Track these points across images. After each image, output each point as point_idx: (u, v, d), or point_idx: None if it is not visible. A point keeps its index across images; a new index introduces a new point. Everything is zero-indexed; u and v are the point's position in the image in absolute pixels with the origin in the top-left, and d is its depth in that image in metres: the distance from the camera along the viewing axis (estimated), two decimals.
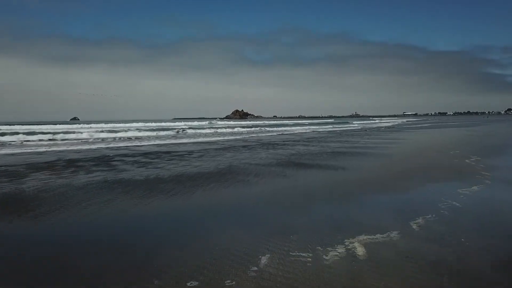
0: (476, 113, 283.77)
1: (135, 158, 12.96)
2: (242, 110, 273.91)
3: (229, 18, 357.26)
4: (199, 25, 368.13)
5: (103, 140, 25.05)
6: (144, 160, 12.42)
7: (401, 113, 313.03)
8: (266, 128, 43.10)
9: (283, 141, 21.28)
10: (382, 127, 47.70)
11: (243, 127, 47.42)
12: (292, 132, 34.59)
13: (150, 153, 15.05)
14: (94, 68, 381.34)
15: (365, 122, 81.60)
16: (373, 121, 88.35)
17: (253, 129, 41.46)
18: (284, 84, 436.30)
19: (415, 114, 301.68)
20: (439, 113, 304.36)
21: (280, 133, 33.72)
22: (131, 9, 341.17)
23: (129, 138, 26.60)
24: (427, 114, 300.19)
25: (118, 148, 18.23)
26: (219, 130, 37.88)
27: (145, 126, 47.78)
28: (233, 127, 43.60)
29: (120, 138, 27.03)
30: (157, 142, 22.43)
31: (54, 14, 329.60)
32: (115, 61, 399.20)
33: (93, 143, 22.20)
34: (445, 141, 20.80)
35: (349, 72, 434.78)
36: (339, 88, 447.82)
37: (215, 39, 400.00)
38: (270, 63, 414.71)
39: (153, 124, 58.96)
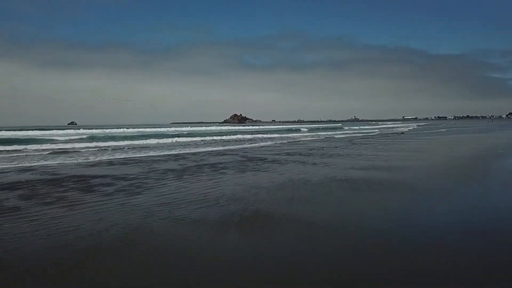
0: (476, 117, 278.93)
1: (5, 195, 7.44)
2: (241, 114, 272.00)
3: (227, 22, 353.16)
4: (197, 29, 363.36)
5: (42, 153, 19.54)
6: (7, 203, 6.87)
7: (401, 117, 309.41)
8: (261, 135, 37.55)
9: (274, 155, 15.73)
10: (397, 132, 41.95)
11: (237, 133, 42.07)
12: (290, 141, 29.07)
13: (60, 179, 9.52)
14: (92, 73, 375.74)
15: (379, 127, 75.68)
16: (381, 126, 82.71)
17: (246, 136, 35.92)
18: (283, 89, 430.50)
19: (415, 118, 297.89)
20: (438, 117, 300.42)
21: (275, 141, 28.22)
22: (129, 14, 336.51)
23: (79, 150, 21.05)
24: (426, 118, 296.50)
25: (41, 167, 12.74)
26: (206, 138, 32.39)
27: (138, 132, 43.78)
28: (220, 135, 38.06)
29: (81, 148, 21.62)
30: (113, 156, 16.91)
31: (51, 19, 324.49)
32: (113, 66, 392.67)
33: (25, 158, 16.69)
34: (494, 153, 15.19)
35: (348, 77, 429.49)
36: (338, 93, 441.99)
37: (213, 44, 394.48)
38: (269, 67, 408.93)
39: (148, 129, 54.03)
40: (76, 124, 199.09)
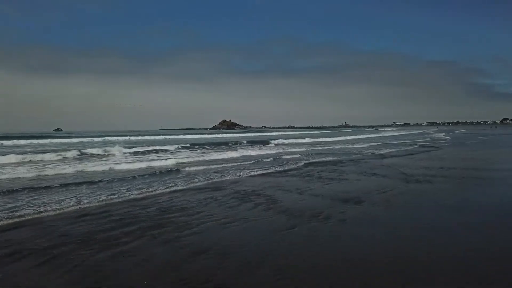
0: (470, 122, 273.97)
1: None
2: (230, 120, 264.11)
3: (218, 27, 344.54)
4: (187, 34, 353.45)
5: None
6: None
7: (392, 122, 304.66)
8: (248, 153, 27.57)
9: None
10: (422, 145, 29.35)
11: (218, 146, 32.09)
12: (264, 169, 18.80)
13: None
14: (80, 78, 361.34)
15: (389, 135, 66.30)
16: (388, 134, 73.25)
17: (227, 154, 25.81)
18: (273, 94, 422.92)
19: (408, 124, 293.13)
20: (431, 122, 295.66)
21: (238, 172, 17.88)
22: (117, 18, 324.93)
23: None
24: (419, 124, 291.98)
25: None
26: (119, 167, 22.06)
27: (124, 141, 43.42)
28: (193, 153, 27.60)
29: None
30: None
31: (36, 22, 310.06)
32: (101, 71, 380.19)
33: None
34: None
35: (339, 82, 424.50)
36: (329, 98, 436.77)
37: (204, 49, 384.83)
38: (259, 72, 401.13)
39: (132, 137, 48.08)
40: (61, 130, 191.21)
